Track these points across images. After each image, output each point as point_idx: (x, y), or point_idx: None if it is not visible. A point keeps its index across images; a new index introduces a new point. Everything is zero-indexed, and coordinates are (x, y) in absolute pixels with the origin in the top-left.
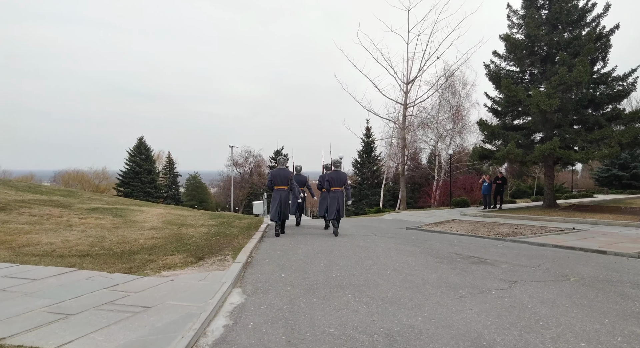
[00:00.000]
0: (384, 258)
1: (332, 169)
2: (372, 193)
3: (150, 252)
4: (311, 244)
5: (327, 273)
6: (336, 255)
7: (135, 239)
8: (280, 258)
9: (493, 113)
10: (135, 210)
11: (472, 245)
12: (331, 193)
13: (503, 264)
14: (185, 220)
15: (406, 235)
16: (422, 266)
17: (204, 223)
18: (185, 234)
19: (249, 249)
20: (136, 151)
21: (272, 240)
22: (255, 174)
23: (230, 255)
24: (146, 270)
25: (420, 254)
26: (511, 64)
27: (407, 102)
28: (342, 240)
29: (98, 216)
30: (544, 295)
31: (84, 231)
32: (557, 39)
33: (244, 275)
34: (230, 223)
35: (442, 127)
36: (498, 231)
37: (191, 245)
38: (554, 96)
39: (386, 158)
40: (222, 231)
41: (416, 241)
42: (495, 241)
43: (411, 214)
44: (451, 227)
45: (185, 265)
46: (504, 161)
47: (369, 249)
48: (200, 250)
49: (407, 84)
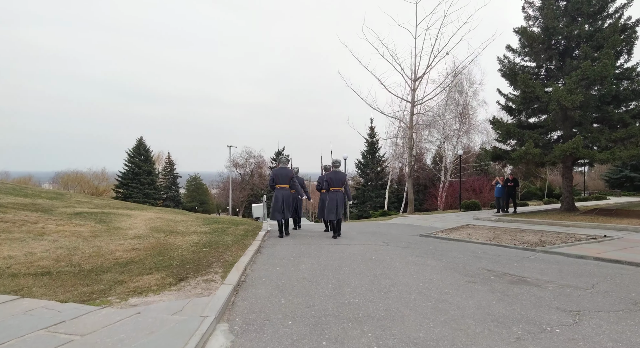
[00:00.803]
0: (403, 275)
1: (332, 169)
2: (376, 195)
3: (123, 269)
4: (316, 256)
5: (337, 298)
6: (346, 271)
7: (111, 251)
8: (280, 275)
9: (507, 111)
10: (123, 215)
11: (501, 257)
12: (330, 194)
13: (549, 285)
14: (175, 226)
15: (421, 244)
16: (451, 287)
17: (196, 229)
18: (172, 244)
19: (243, 264)
20: (135, 151)
21: (271, 250)
22: (256, 175)
23: (219, 272)
24: (111, 296)
25: (444, 270)
26: (526, 59)
27: (414, 100)
28: (350, 250)
29: (79, 222)
30: (629, 338)
31: (55, 241)
32: (577, 32)
33: (235, 300)
34: (225, 230)
35: (448, 127)
36: (523, 239)
37: (175, 259)
38: (575, 92)
39: (391, 159)
40: (215, 240)
41: (435, 252)
42: (524, 251)
43: (420, 218)
44: (469, 234)
45: (162, 287)
46: (520, 161)
47: (383, 263)
48: (185, 266)
49: (415, 81)
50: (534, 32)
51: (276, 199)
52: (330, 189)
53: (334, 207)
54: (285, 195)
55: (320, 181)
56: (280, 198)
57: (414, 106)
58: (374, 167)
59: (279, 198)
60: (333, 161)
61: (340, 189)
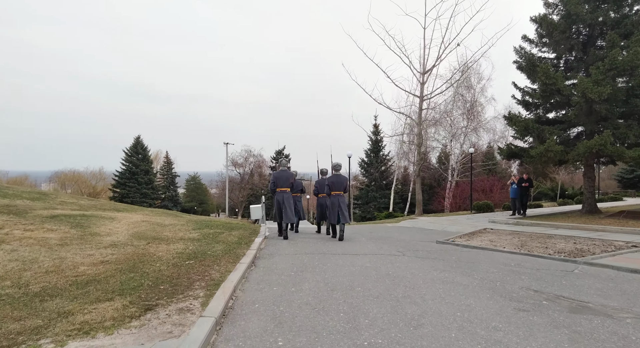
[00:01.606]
0: (432, 299)
1: (333, 173)
2: (381, 196)
3: (79, 292)
4: (321, 270)
5: (352, 335)
6: (359, 292)
7: (75, 264)
8: (278, 299)
9: (523, 106)
10: (105, 218)
11: (541, 272)
12: (332, 198)
13: (622, 314)
14: (161, 232)
15: (442, 253)
16: (499, 318)
17: (184, 235)
18: (151, 255)
19: (232, 283)
20: (133, 150)
21: (268, 262)
22: (256, 174)
23: (200, 296)
24: (44, 339)
25: (481, 290)
26: (544, 50)
27: (423, 94)
28: (361, 262)
29: (51, 227)
30: None
31: (13, 251)
32: (602, 19)
33: (215, 342)
34: (217, 236)
35: (456, 125)
36: (556, 248)
37: (149, 276)
38: (603, 83)
39: (396, 158)
40: (203, 249)
41: (461, 265)
42: (564, 263)
43: (431, 221)
44: (492, 241)
45: (119, 323)
46: (540, 160)
47: (403, 280)
48: (158, 287)
49: (424, 74)
50: (554, 20)
51: (277, 203)
52: (332, 193)
53: (335, 211)
54: (287, 198)
55: (318, 186)
56: (282, 201)
57: (423, 101)
58: (378, 166)
59: (280, 202)
60: (334, 165)
61: (341, 193)
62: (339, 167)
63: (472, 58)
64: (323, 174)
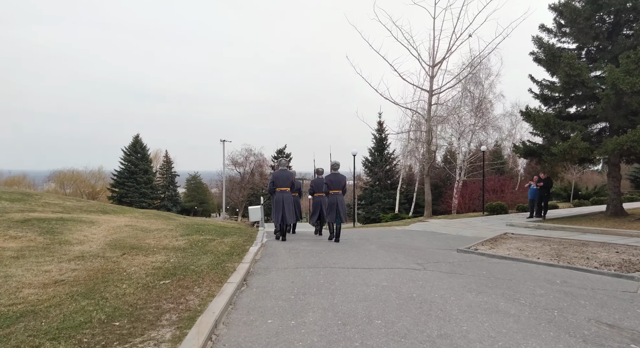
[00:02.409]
0: (479, 339)
1: (331, 172)
2: (385, 196)
3: None
4: (327, 292)
5: None
6: (380, 328)
7: (19, 287)
8: (272, 342)
9: (541, 100)
10: (85, 222)
11: (599, 293)
12: (330, 197)
13: None
14: (144, 238)
15: (468, 266)
16: None
17: (169, 243)
18: (121, 271)
19: (214, 315)
20: (131, 149)
21: (263, 280)
22: (256, 174)
23: (165, 341)
24: None
25: (537, 324)
26: (564, 40)
27: (432, 88)
28: (376, 279)
29: (16, 234)
30: None
31: None
32: (630, 4)
33: None
34: (206, 245)
35: (464, 122)
36: (599, 258)
37: (106, 305)
38: (635, 73)
39: (401, 156)
40: (186, 262)
41: (497, 282)
42: (618, 279)
43: (443, 223)
44: (520, 249)
45: None
46: (562, 157)
47: (433, 307)
48: (111, 324)
49: (433, 67)
50: (577, 6)
51: (277, 203)
52: (330, 192)
53: (334, 211)
54: (286, 198)
55: (314, 186)
56: (281, 201)
57: (432, 96)
58: (383, 165)
59: (280, 202)
60: (332, 163)
61: (340, 192)
62: (337, 166)
63: (486, 49)
64: (319, 173)
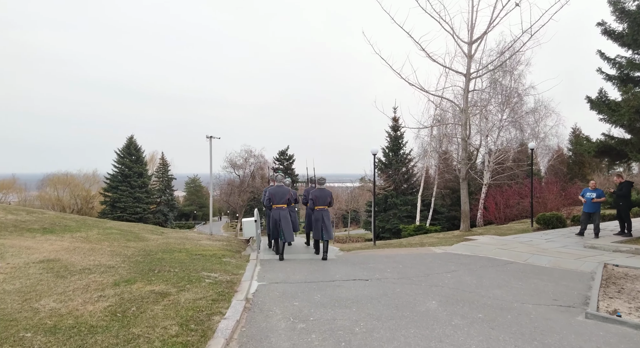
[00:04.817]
0: None
1: (317, 187)
2: (402, 202)
3: None
4: None
5: None
6: None
7: None
8: None
9: (618, 83)
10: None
11: None
12: (315, 213)
13: None
14: (41, 297)
15: None
16: None
17: (76, 310)
18: None
19: None
20: (125, 152)
21: None
22: (257, 176)
23: None
24: None
25: None
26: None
27: (470, 71)
28: None
29: None
30: None
31: None
32: None
33: None
34: (139, 317)
35: (493, 117)
36: None
37: None
38: None
39: (420, 157)
40: None
41: None
42: None
43: (496, 243)
44: None
45: None
46: None
47: None
48: None
49: (471, 44)
50: None
51: (274, 221)
52: (316, 208)
53: (319, 227)
54: (283, 216)
55: (306, 196)
56: (279, 220)
57: (470, 80)
58: (399, 167)
59: (277, 220)
60: (318, 178)
61: (325, 207)
62: (323, 181)
63: (539, 22)
64: (312, 182)
